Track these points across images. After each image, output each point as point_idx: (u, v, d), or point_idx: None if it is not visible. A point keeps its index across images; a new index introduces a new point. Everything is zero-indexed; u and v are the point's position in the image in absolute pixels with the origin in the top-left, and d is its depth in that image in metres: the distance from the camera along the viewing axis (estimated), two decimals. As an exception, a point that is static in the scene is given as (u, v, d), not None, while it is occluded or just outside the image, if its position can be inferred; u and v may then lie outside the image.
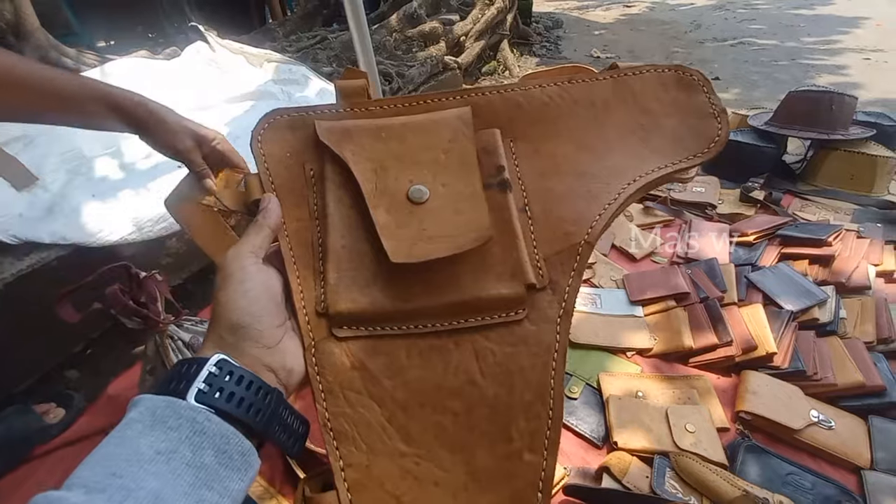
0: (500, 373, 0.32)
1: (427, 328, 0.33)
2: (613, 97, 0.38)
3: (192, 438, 0.26)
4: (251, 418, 0.28)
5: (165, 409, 0.26)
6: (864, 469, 0.72)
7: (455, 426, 0.32)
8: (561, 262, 0.35)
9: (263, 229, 0.34)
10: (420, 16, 2.73)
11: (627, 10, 4.71)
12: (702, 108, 0.38)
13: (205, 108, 1.49)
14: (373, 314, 0.32)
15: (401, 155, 0.35)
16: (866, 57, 2.98)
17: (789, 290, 0.98)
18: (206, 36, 1.78)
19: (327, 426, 0.32)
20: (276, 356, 0.31)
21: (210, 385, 0.28)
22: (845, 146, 1.37)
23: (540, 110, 0.38)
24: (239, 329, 0.30)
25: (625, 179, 0.36)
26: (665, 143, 0.37)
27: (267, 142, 0.37)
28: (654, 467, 0.71)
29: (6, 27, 1.55)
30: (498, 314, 0.33)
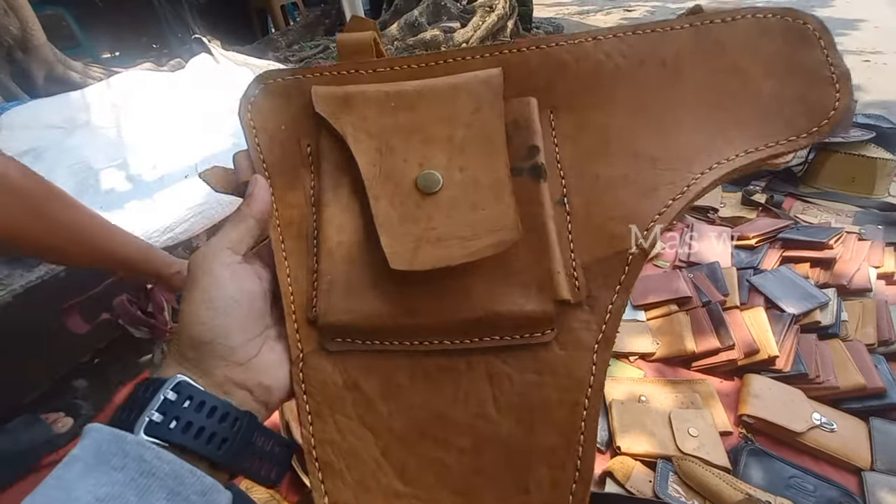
0: (519, 406, 0.26)
1: (433, 345, 0.27)
2: (692, 53, 0.29)
3: (139, 481, 0.22)
4: (212, 451, 0.24)
5: (111, 444, 0.23)
6: (865, 470, 0.72)
7: (460, 466, 0.27)
8: (604, 273, 0.27)
9: (246, 220, 0.29)
10: (421, 24, 2.75)
11: (628, 14, 4.73)
12: (815, 70, 0.28)
13: (210, 119, 1.51)
14: (370, 327, 0.27)
15: (411, 130, 0.29)
16: (865, 59, 2.98)
17: (791, 293, 0.98)
18: (210, 47, 1.81)
19: (312, 454, 0.27)
20: (251, 373, 0.27)
21: (164, 413, 0.24)
22: (845, 149, 1.37)
23: (591, 72, 0.29)
24: (201, 346, 0.26)
25: (699, 165, 0.27)
26: (759, 117, 0.28)
27: (258, 111, 0.31)
28: (657, 471, 0.72)
29: (13, 42, 1.58)
30: (520, 334, 0.27)
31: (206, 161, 1.31)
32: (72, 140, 1.33)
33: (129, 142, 1.38)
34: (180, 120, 1.48)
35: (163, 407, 0.24)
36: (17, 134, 1.28)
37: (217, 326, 0.26)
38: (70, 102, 1.45)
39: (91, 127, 1.40)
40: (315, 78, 0.31)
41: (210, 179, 0.31)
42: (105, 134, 1.39)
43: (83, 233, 0.60)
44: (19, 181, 0.54)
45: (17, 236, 0.57)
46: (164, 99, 1.56)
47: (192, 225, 1.18)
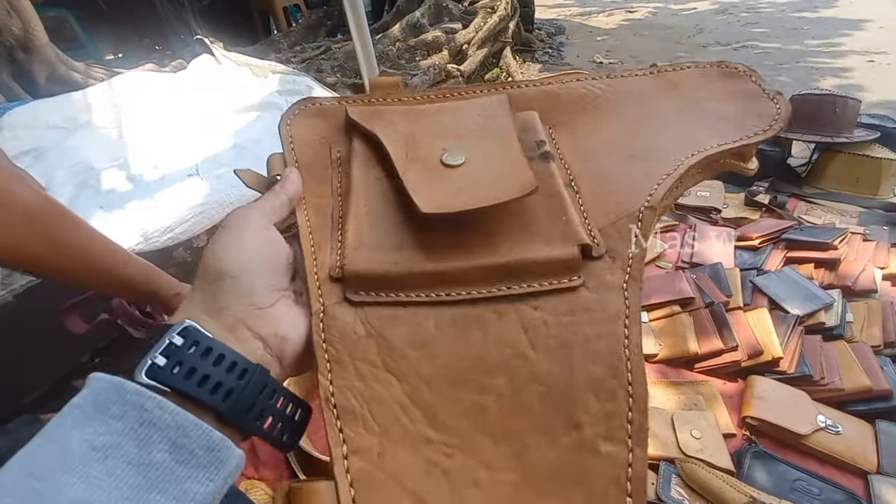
0: (556, 346, 0.26)
1: (461, 296, 0.27)
2: (655, 89, 0.37)
3: (139, 431, 0.21)
4: (216, 402, 0.23)
5: (110, 391, 0.21)
6: (871, 473, 0.71)
7: (500, 408, 0.25)
8: (618, 231, 0.30)
9: (280, 195, 0.30)
10: (423, 25, 2.75)
11: (630, 15, 4.72)
12: (753, 92, 0.36)
13: (212, 119, 1.51)
14: (396, 277, 0.27)
15: (434, 130, 0.33)
16: (870, 59, 2.97)
17: (795, 295, 0.97)
18: (212, 49, 1.81)
19: (330, 401, 0.25)
20: (265, 321, 0.26)
21: (168, 357, 0.22)
22: (850, 149, 1.36)
23: (579, 101, 0.36)
24: (224, 279, 0.25)
25: (682, 154, 0.33)
26: (721, 123, 0.34)
27: (295, 125, 0.36)
28: (660, 474, 0.71)
29: (15, 43, 1.58)
30: (548, 280, 0.27)
31: (206, 161, 1.31)
32: (73, 140, 1.33)
33: (130, 142, 1.38)
34: (181, 120, 1.48)
35: (167, 351, 0.23)
36: (18, 134, 1.28)
37: (241, 262, 0.26)
38: (72, 103, 1.45)
39: (92, 127, 1.40)
40: (350, 104, 0.36)
41: (244, 176, 0.34)
42: (106, 134, 1.39)
43: (91, 256, 0.60)
44: (34, 204, 0.53)
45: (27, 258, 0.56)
46: (166, 99, 1.56)
47: (193, 225, 1.18)
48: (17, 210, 0.51)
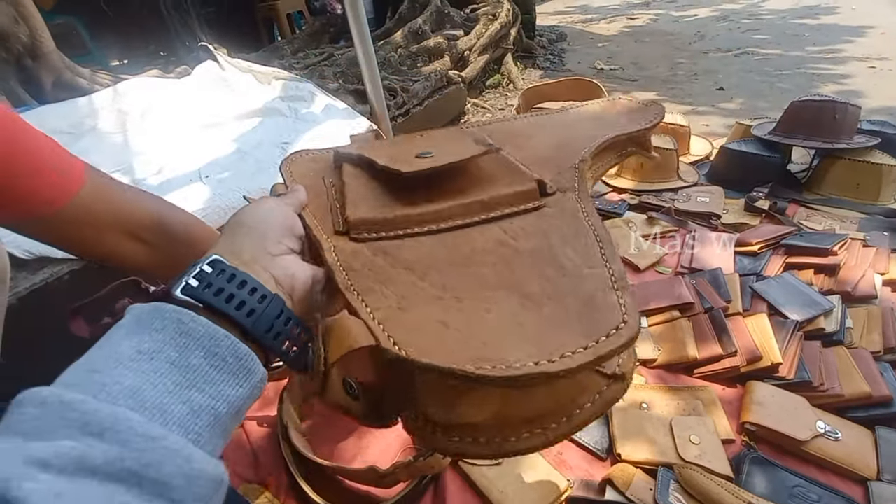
0: (534, 233, 0.34)
1: (450, 224, 0.35)
2: (577, 115, 0.55)
3: (178, 339, 0.24)
4: (242, 317, 0.26)
5: (151, 312, 0.25)
6: (871, 480, 0.71)
7: (496, 273, 0.31)
8: (564, 178, 0.40)
9: (291, 199, 0.38)
10: (425, 32, 2.77)
11: (631, 22, 4.74)
12: (640, 108, 0.54)
13: (214, 125, 1.52)
14: (392, 219, 0.35)
15: (409, 148, 0.43)
16: (871, 65, 2.97)
17: (794, 300, 0.97)
18: (216, 55, 1.83)
19: (350, 287, 0.31)
20: (277, 263, 0.31)
21: (200, 280, 0.27)
22: (850, 155, 1.36)
23: (524, 129, 0.51)
24: (244, 225, 0.32)
25: (590, 138, 0.47)
26: (621, 124, 0.51)
27: (292, 164, 0.47)
28: (658, 480, 0.71)
29: (23, 50, 1.61)
30: (516, 206, 0.36)
31: (209, 166, 1.32)
32: (78, 145, 1.34)
33: (134, 147, 1.40)
34: (185, 126, 1.49)
35: (198, 275, 0.27)
36: (24, 139, 1.30)
37: (258, 218, 0.33)
38: (77, 108, 1.47)
39: (97, 132, 1.42)
40: (335, 153, 0.47)
41: None
42: (111, 139, 1.41)
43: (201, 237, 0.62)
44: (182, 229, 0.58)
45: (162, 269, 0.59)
46: (170, 105, 1.58)
47: (195, 229, 1.18)
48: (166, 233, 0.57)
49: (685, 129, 1.68)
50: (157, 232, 0.56)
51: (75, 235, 0.51)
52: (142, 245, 0.56)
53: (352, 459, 0.82)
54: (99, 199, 0.51)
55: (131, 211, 0.54)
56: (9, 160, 0.42)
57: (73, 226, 0.49)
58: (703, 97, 2.71)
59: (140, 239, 0.56)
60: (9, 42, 1.58)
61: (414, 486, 0.74)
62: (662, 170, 1.51)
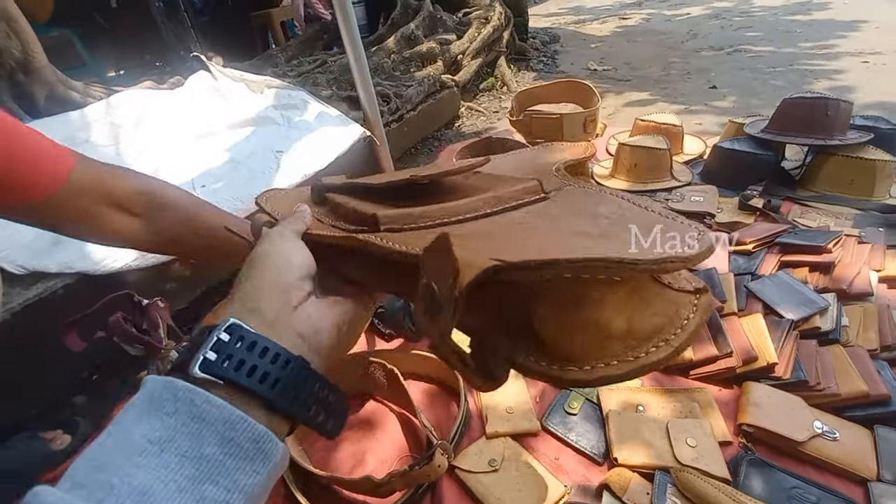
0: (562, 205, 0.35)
1: (475, 214, 0.35)
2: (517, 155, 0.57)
3: (190, 425, 0.23)
4: (265, 390, 0.25)
5: (163, 390, 0.23)
6: (871, 481, 0.70)
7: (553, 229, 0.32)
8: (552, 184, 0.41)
9: (300, 220, 0.37)
10: (417, 37, 2.78)
11: (623, 22, 4.76)
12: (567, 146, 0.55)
13: (208, 135, 1.53)
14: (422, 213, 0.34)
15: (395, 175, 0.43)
16: (864, 60, 2.97)
17: (789, 299, 0.97)
18: (209, 65, 1.83)
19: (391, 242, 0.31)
20: (301, 316, 0.29)
21: (218, 352, 0.25)
22: (843, 151, 1.36)
23: None
24: (265, 276, 0.29)
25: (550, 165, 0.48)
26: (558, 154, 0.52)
27: (269, 200, 0.46)
28: (655, 483, 0.70)
29: (15, 65, 1.61)
30: (524, 198, 0.37)
31: (202, 176, 1.32)
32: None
33: (127, 159, 1.40)
34: (178, 136, 1.50)
35: (216, 346, 0.25)
36: (17, 154, 1.30)
37: (280, 264, 0.30)
38: (70, 122, 1.47)
39: (90, 145, 1.42)
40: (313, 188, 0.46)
41: None
42: (104, 151, 1.41)
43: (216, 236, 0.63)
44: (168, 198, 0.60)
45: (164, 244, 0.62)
46: (163, 116, 1.58)
47: (189, 240, 1.18)
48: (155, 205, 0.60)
49: (678, 128, 1.68)
50: (145, 203, 0.58)
51: (69, 217, 0.53)
52: (133, 218, 0.58)
53: (347, 469, 0.81)
54: (87, 180, 0.53)
55: (116, 185, 0.57)
56: (7, 154, 0.46)
57: (65, 209, 0.52)
58: (696, 96, 2.71)
59: (130, 212, 0.58)
60: (1, 57, 1.59)
61: (410, 494, 0.74)
62: (656, 170, 1.51)
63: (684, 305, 0.28)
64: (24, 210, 0.50)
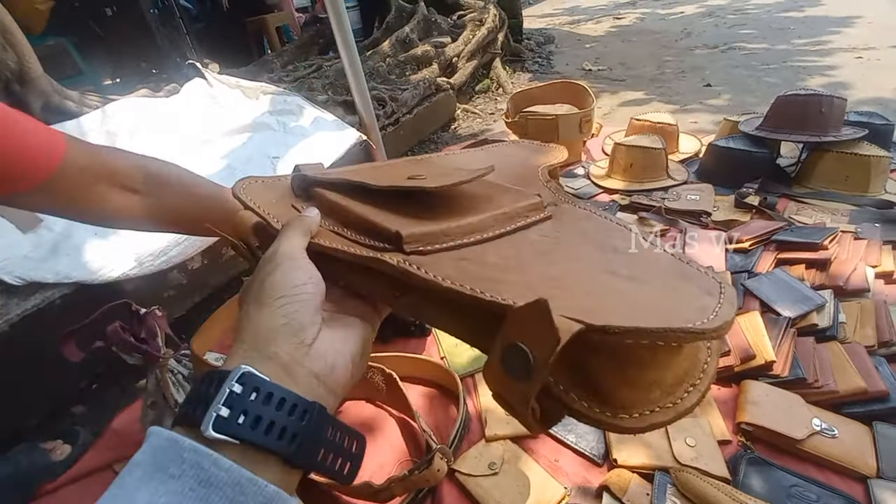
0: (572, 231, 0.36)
1: (488, 235, 0.34)
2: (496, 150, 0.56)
3: (198, 490, 0.21)
4: (284, 448, 0.24)
5: (168, 450, 0.22)
6: (871, 478, 0.70)
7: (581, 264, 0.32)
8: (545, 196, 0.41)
9: (306, 227, 0.33)
10: (412, 40, 2.79)
11: (618, 21, 4.77)
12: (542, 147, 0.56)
13: (204, 142, 1.53)
14: (445, 232, 0.33)
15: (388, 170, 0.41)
16: (858, 56, 2.98)
17: (786, 296, 0.97)
18: (204, 72, 1.84)
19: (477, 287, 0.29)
20: (316, 355, 0.27)
21: (231, 407, 0.23)
22: (838, 147, 1.36)
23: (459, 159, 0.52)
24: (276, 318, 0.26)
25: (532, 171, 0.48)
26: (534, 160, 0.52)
27: (248, 192, 0.41)
28: (655, 484, 0.70)
29: (11, 76, 1.61)
30: (529, 216, 0.37)
31: (199, 184, 1.33)
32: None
33: (124, 168, 1.40)
34: (174, 144, 1.50)
35: (229, 400, 0.23)
36: (13, 165, 1.30)
37: (294, 301, 0.27)
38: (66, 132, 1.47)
39: (87, 155, 1.42)
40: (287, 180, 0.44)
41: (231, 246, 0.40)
42: (100, 161, 1.41)
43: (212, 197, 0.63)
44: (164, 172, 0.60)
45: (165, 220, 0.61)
46: (159, 124, 1.58)
47: (186, 248, 1.19)
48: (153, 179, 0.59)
49: (673, 127, 1.68)
50: (144, 180, 0.58)
51: (70, 198, 0.53)
52: (134, 195, 0.58)
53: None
54: (83, 160, 0.53)
55: (115, 163, 0.56)
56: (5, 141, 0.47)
57: (66, 191, 0.52)
58: (691, 94, 2.72)
59: (131, 189, 0.57)
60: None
61: (410, 499, 0.74)
62: (652, 169, 1.52)
63: (701, 349, 0.28)
64: (24, 196, 0.50)
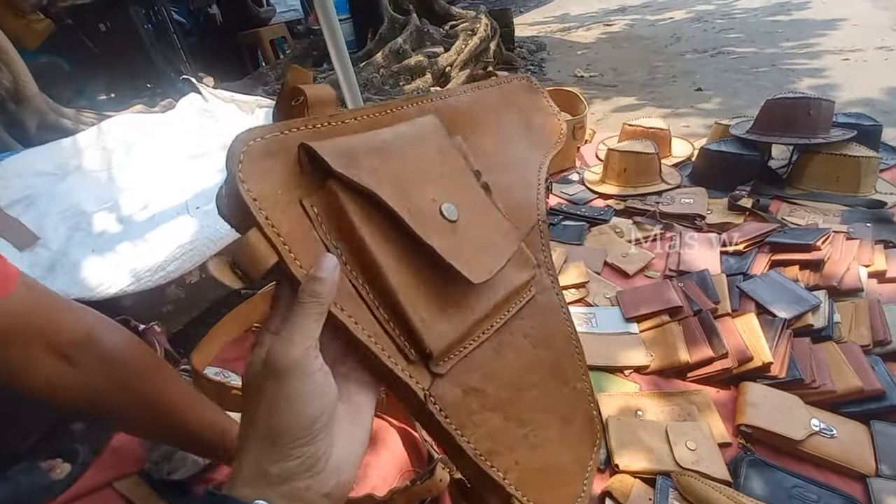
0: (543, 338, 0.40)
1: (490, 330, 0.37)
2: (501, 100, 0.49)
3: None
4: None
5: None
6: (870, 476, 0.71)
7: (542, 393, 0.39)
8: (532, 243, 0.43)
9: (322, 308, 0.27)
10: (405, 51, 2.82)
11: (608, 28, 4.83)
12: (546, 109, 0.52)
13: (200, 156, 1.54)
14: (460, 338, 0.34)
15: (409, 172, 0.34)
16: (845, 57, 3.03)
17: (781, 298, 0.98)
18: (199, 87, 1.85)
19: (477, 454, 0.34)
20: (328, 476, 0.26)
21: None
22: (827, 149, 1.38)
23: (469, 113, 0.45)
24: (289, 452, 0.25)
25: (533, 167, 0.47)
26: (537, 137, 0.50)
27: (251, 179, 0.28)
28: (657, 488, 0.70)
29: (6, 95, 1.62)
30: (523, 297, 0.40)
31: (196, 198, 1.33)
32: (63, 185, 1.35)
33: (120, 184, 1.40)
34: (171, 159, 1.50)
35: None
36: (8, 183, 1.30)
37: (311, 443, 0.25)
38: (62, 149, 1.47)
39: (83, 171, 1.43)
40: (296, 133, 0.31)
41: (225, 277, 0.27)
42: (97, 177, 1.41)
43: (172, 413, 0.57)
44: (116, 351, 0.54)
45: (99, 405, 0.55)
46: (155, 139, 1.59)
47: (184, 262, 1.19)
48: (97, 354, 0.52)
49: (665, 131, 1.70)
50: (85, 349, 0.51)
51: None
52: (66, 365, 0.51)
53: (350, 487, 0.81)
54: (28, 304, 0.48)
55: (61, 320, 0.50)
56: None
57: None
58: (682, 99, 2.75)
59: (66, 357, 0.51)
60: (-9, 87, 1.60)
61: (413, 511, 0.73)
62: (645, 174, 1.53)
63: None
64: None
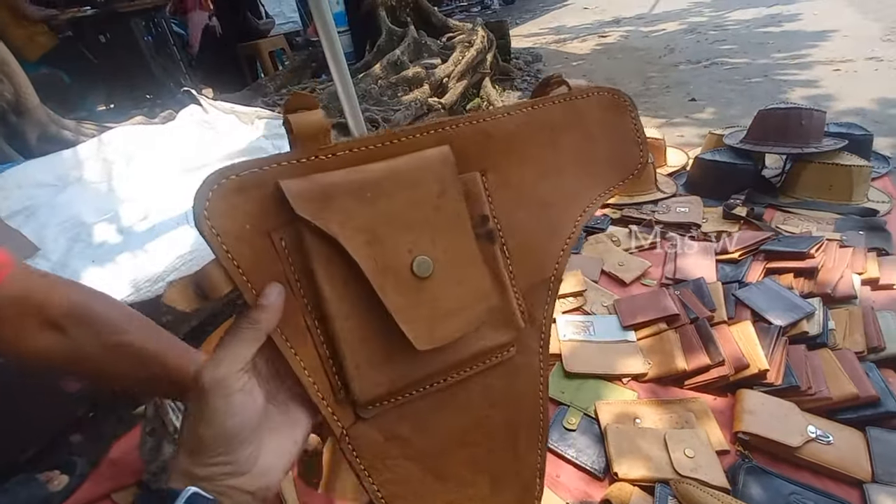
0: (505, 401, 0.38)
1: (441, 383, 0.35)
2: (564, 120, 0.40)
3: None
4: None
5: None
6: (866, 482, 0.71)
7: (481, 452, 0.38)
8: (536, 295, 0.39)
9: (258, 335, 0.29)
10: (403, 62, 2.85)
11: (602, 40, 4.90)
12: (628, 135, 0.42)
13: (199, 167, 1.55)
14: (397, 390, 0.33)
15: (392, 217, 0.31)
16: (836, 68, 3.07)
17: (776, 305, 0.99)
18: (199, 98, 1.87)
19: (378, 496, 0.34)
20: (253, 479, 0.30)
21: None
22: (820, 158, 1.40)
23: (507, 139, 0.38)
24: (212, 464, 0.29)
25: (578, 208, 0.40)
26: (602, 169, 0.41)
27: (216, 216, 0.28)
28: (656, 496, 0.71)
29: (7, 107, 1.64)
30: (495, 356, 0.37)
31: (196, 209, 1.34)
32: (63, 196, 1.35)
33: (120, 195, 1.41)
34: (171, 170, 1.51)
35: None
36: (9, 194, 1.31)
37: (234, 461, 0.29)
38: (62, 161, 1.48)
39: (83, 183, 1.43)
40: (275, 169, 0.30)
41: (178, 301, 0.28)
42: (97, 188, 1.42)
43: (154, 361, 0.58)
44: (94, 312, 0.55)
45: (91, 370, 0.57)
46: (155, 151, 1.60)
47: (183, 272, 1.19)
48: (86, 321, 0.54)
49: (660, 141, 1.72)
50: (75, 318, 0.53)
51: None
52: (58, 335, 0.53)
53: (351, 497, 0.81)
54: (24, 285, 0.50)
55: (49, 293, 0.52)
56: None
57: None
58: (676, 109, 2.79)
59: (57, 326, 0.53)
60: (-7, 99, 1.61)
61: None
62: (641, 183, 1.55)
63: None
64: None
